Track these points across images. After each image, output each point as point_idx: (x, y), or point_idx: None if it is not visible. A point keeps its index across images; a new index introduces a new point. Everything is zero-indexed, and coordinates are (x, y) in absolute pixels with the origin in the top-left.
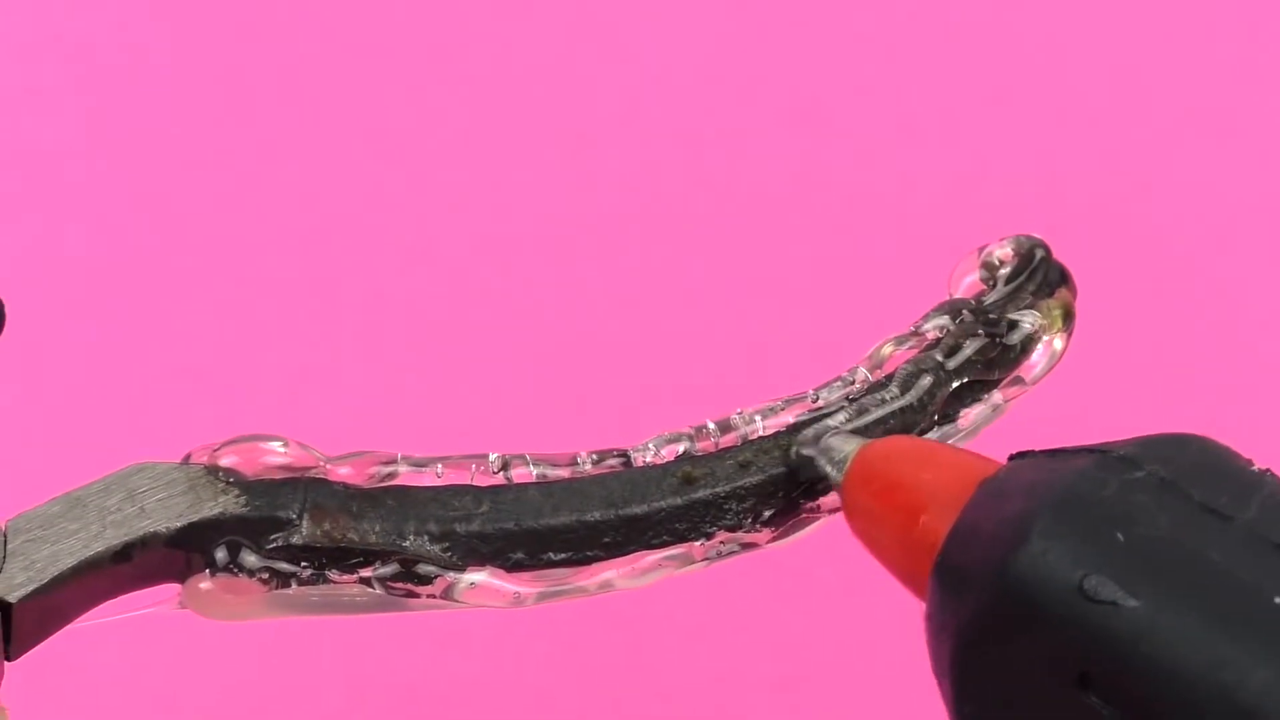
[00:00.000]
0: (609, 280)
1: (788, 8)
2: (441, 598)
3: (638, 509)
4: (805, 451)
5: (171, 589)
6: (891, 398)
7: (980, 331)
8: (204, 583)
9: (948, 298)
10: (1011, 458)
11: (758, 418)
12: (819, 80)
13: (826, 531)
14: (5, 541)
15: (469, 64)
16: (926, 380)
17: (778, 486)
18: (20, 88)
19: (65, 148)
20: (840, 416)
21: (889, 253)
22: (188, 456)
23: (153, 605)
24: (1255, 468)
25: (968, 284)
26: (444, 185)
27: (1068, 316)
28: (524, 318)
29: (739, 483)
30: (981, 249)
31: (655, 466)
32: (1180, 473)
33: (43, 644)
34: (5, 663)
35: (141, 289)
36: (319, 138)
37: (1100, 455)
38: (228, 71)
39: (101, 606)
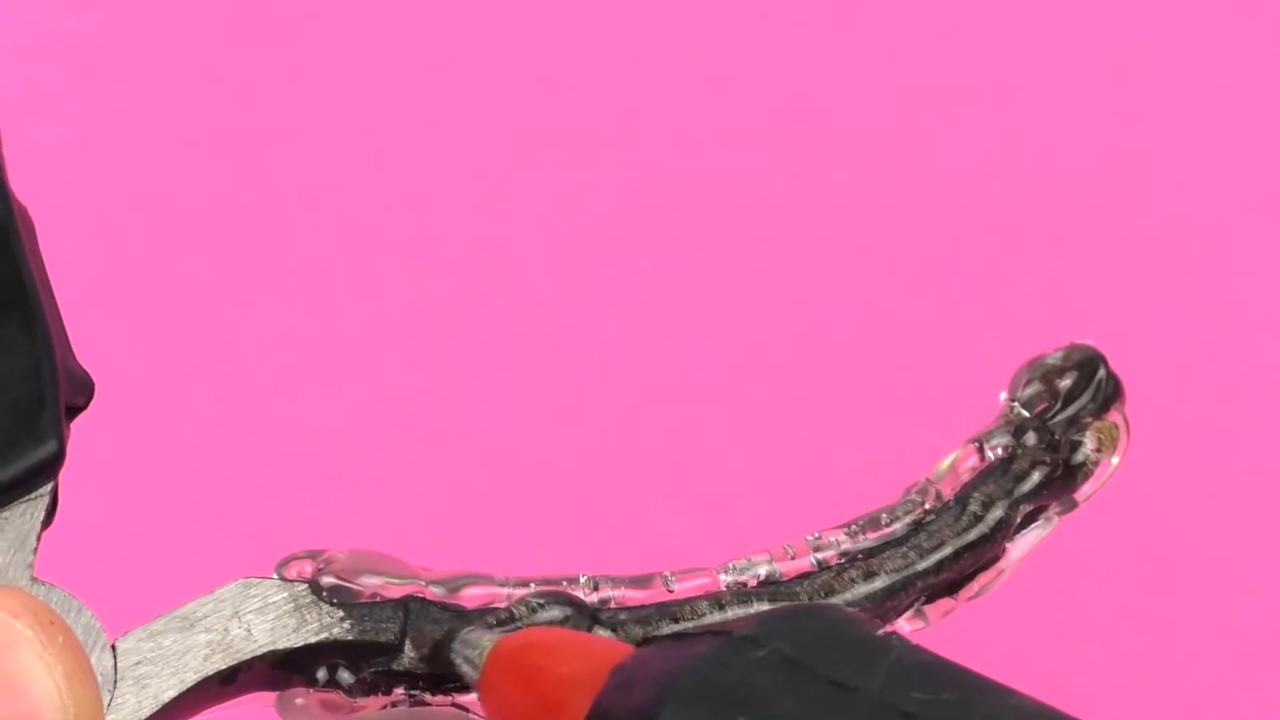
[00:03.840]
0: (609, 286)
1: (789, 10)
2: None
3: None
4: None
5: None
6: (964, 529)
7: (1047, 459)
8: (300, 698)
9: (1006, 406)
10: (638, 644)
11: (834, 539)
12: (831, 86)
13: None
14: (116, 663)
15: (469, 64)
16: (999, 513)
17: None
18: (20, 88)
19: (65, 148)
20: (911, 553)
21: (890, 256)
22: (284, 565)
23: (244, 704)
24: (881, 632)
25: (1027, 396)
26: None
27: (1124, 433)
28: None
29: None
30: (1038, 358)
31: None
32: (803, 648)
33: None
34: None
35: (141, 289)
36: (319, 138)
37: (723, 638)
38: (228, 71)
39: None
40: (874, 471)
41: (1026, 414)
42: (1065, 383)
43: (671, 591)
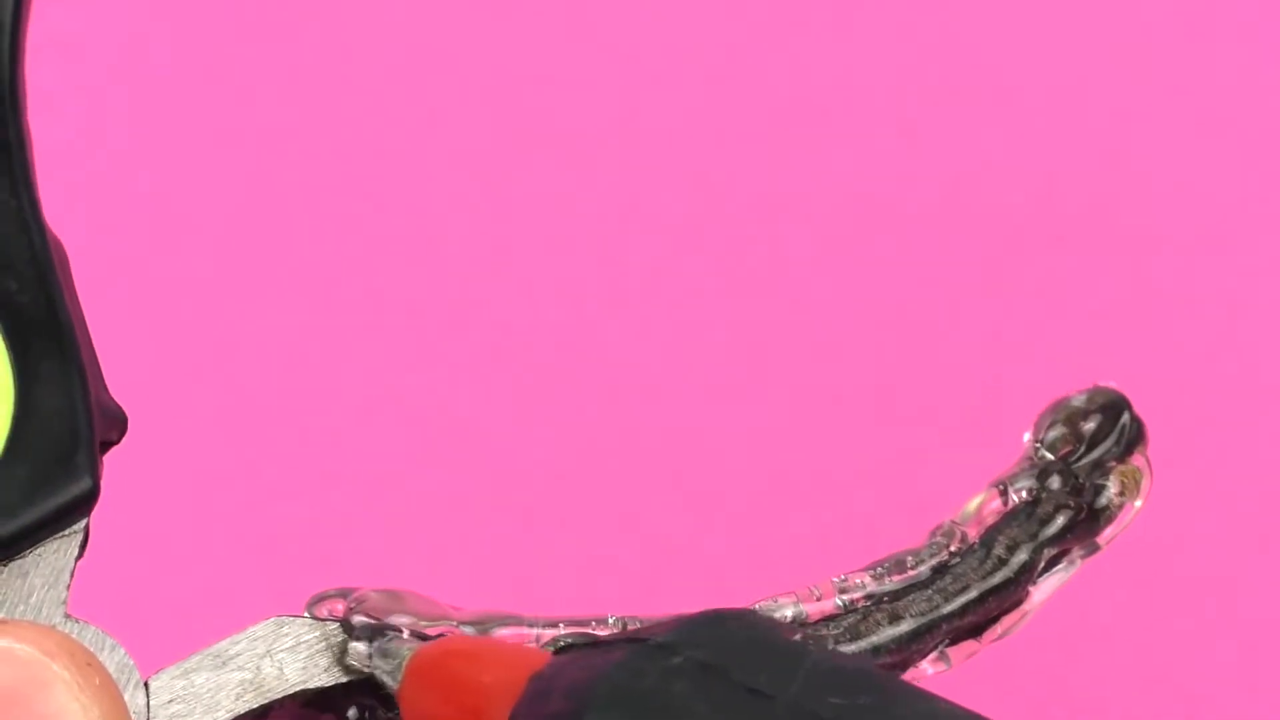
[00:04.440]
0: (612, 288)
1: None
2: None
3: None
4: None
5: None
6: (989, 572)
7: (1071, 504)
8: None
9: (1030, 448)
10: (555, 652)
11: (859, 581)
12: (833, 90)
13: None
14: (149, 701)
15: (469, 64)
16: (1023, 556)
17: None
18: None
19: (65, 148)
20: (936, 596)
21: (887, 259)
22: (315, 603)
23: None
24: (797, 637)
25: (1051, 439)
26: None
27: (1147, 476)
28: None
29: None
30: (1062, 400)
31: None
32: (719, 654)
33: None
34: None
35: (143, 291)
36: (319, 138)
37: (639, 644)
38: (228, 71)
39: None
40: (871, 460)
41: (1051, 457)
42: (1089, 425)
43: None
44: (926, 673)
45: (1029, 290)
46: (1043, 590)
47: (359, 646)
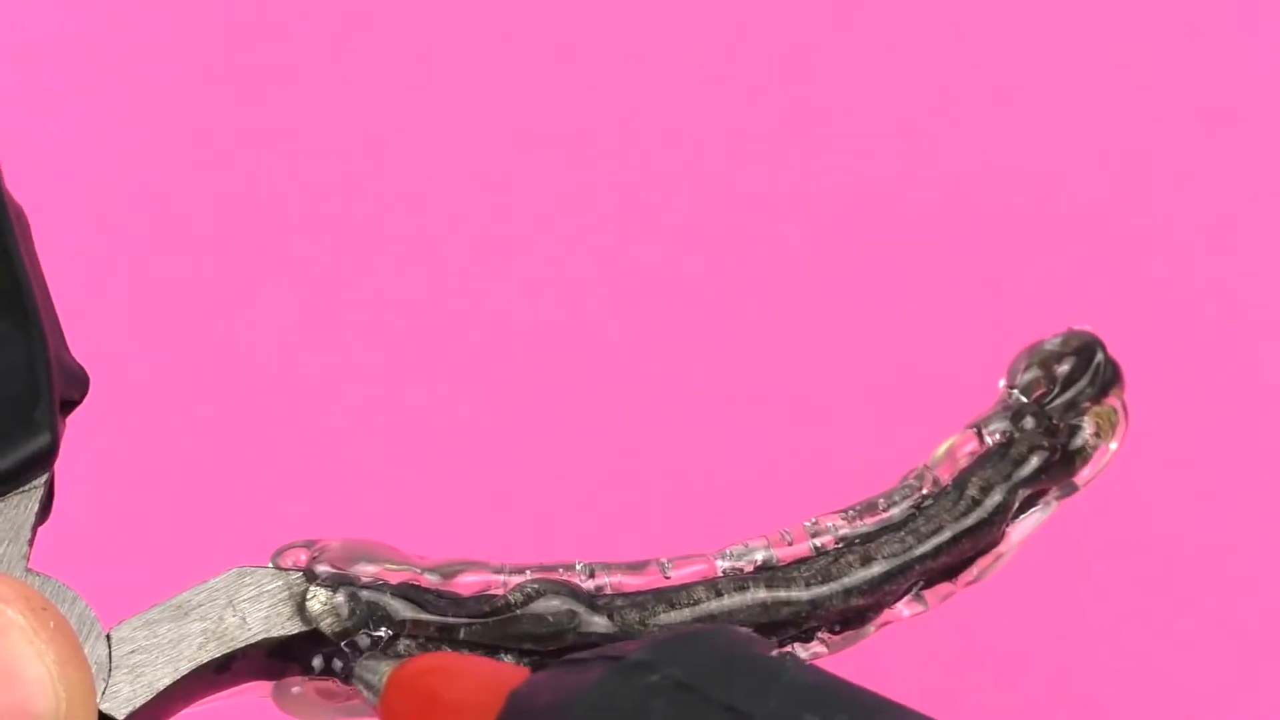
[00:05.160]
0: (605, 286)
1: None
2: None
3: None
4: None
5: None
6: (963, 513)
7: (1045, 444)
8: (296, 687)
9: (1004, 392)
10: (534, 668)
11: (831, 524)
12: (827, 84)
13: None
14: (111, 652)
15: (469, 64)
16: (997, 497)
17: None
18: (20, 88)
19: (65, 148)
20: (909, 538)
21: (891, 264)
22: (279, 554)
23: (240, 693)
24: (775, 653)
25: (1026, 381)
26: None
27: (1123, 418)
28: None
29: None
30: (1036, 344)
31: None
32: (696, 672)
33: None
34: None
35: (142, 291)
36: (319, 137)
37: (616, 663)
38: (228, 71)
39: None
40: (871, 459)
41: (1025, 399)
42: (1063, 368)
43: (668, 578)
44: (903, 615)
45: (1029, 290)
46: (1019, 532)
47: (321, 593)
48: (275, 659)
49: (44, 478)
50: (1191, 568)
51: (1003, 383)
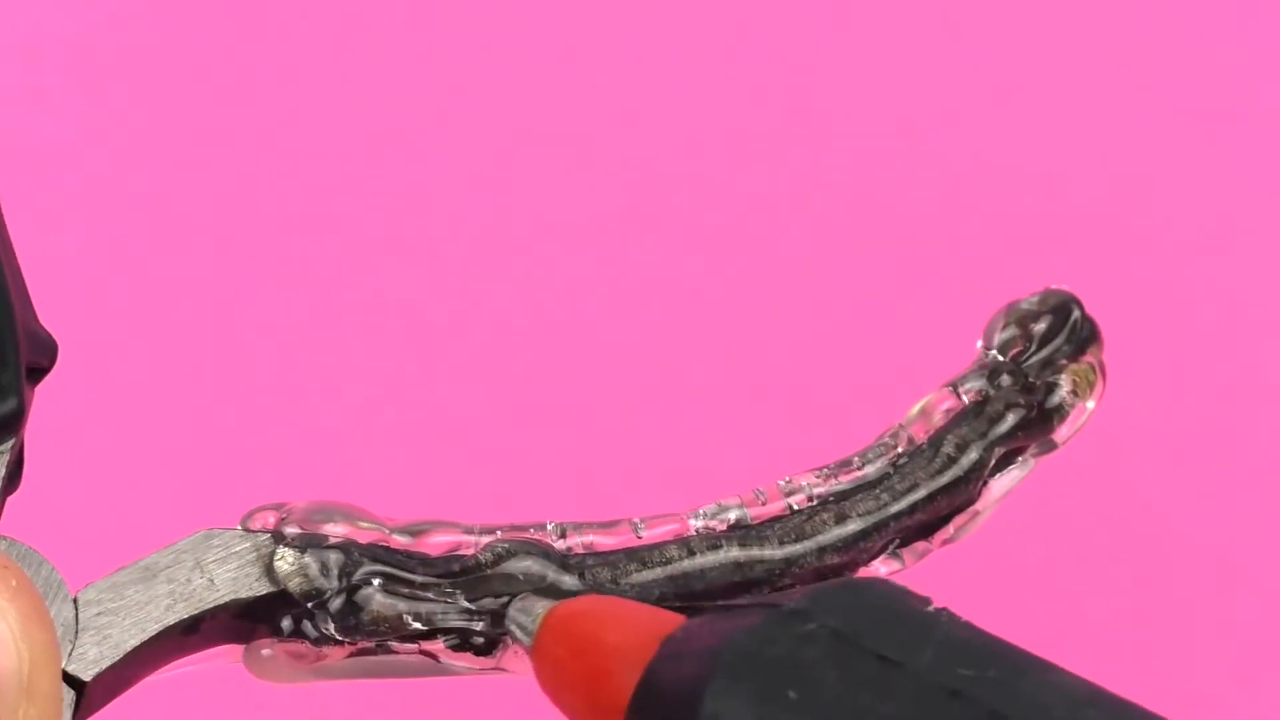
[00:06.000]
0: (605, 286)
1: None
2: (499, 669)
3: (697, 586)
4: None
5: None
6: (938, 470)
7: (1021, 401)
8: (266, 649)
9: (981, 352)
10: (679, 610)
11: (805, 483)
12: (825, 82)
13: None
14: (78, 614)
15: (469, 64)
16: (973, 455)
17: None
18: (20, 88)
19: (65, 148)
20: (884, 495)
21: (886, 256)
22: (248, 516)
23: (212, 660)
24: (930, 608)
25: (1002, 340)
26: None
27: (1100, 377)
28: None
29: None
30: (1013, 303)
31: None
32: (852, 622)
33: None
34: None
35: (142, 291)
36: (319, 137)
37: (771, 610)
38: (227, 71)
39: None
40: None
41: (1001, 358)
42: (1040, 326)
43: (640, 537)
44: (880, 572)
45: (1029, 290)
46: (995, 490)
47: (289, 554)
48: (244, 620)
49: (10, 443)
50: (1191, 567)
51: (980, 343)
